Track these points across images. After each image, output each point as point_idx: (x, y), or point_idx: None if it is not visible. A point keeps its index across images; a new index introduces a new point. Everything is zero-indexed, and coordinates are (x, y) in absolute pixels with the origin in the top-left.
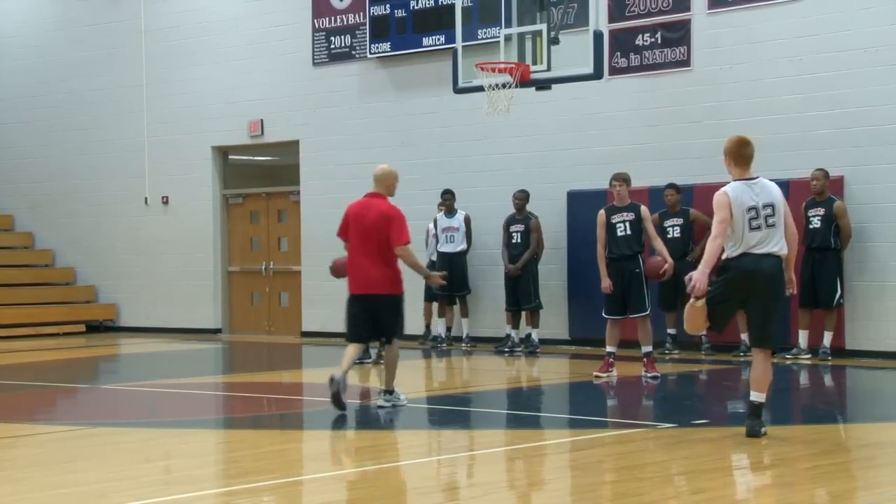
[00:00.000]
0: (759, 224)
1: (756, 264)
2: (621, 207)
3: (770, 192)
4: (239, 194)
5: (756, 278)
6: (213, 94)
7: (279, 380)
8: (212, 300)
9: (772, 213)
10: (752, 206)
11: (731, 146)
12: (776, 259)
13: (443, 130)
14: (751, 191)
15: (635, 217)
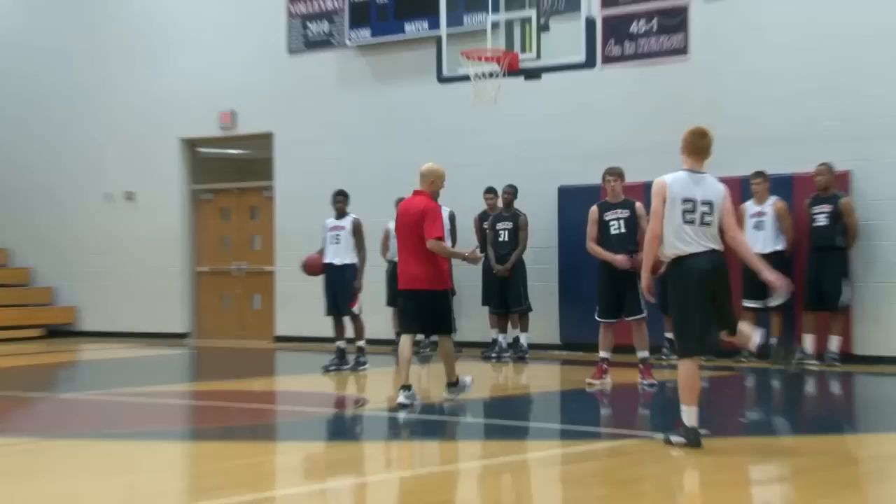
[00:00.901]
0: (693, 219)
1: (710, 260)
2: (615, 204)
3: (713, 189)
4: (209, 190)
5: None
6: (181, 83)
7: (250, 388)
8: (179, 302)
9: (709, 212)
10: (689, 197)
11: (687, 135)
12: (721, 253)
13: (426, 123)
14: (692, 183)
15: (630, 214)
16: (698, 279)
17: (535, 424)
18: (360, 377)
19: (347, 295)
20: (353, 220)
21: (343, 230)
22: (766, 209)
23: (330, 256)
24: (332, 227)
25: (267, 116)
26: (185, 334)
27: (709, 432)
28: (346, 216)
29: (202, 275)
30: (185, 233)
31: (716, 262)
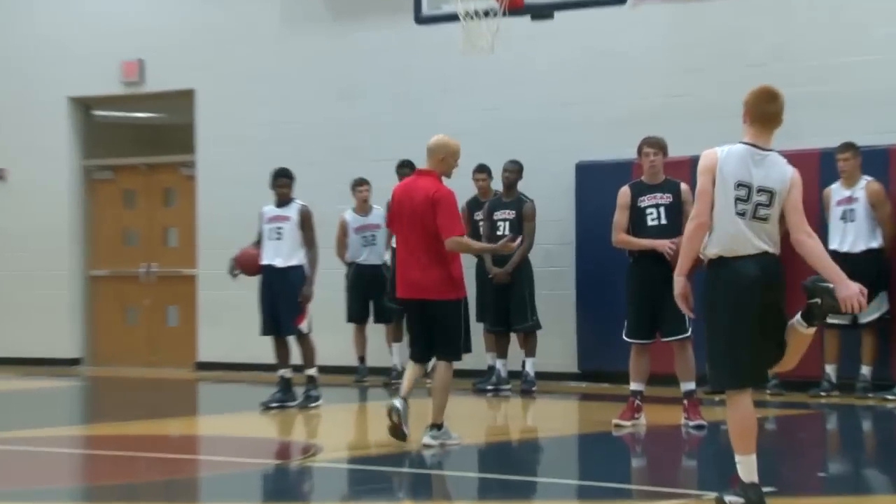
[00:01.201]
0: (745, 210)
1: (760, 266)
2: (654, 186)
3: (777, 173)
4: (107, 166)
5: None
6: (70, 23)
7: (164, 431)
8: (68, 318)
9: (766, 203)
10: (744, 181)
11: (749, 98)
12: (775, 258)
13: (400, 77)
14: (751, 161)
15: (672, 200)
16: (747, 289)
17: (545, 479)
18: (310, 416)
19: (293, 307)
20: (301, 208)
21: (287, 222)
22: (857, 194)
23: (269, 256)
24: (271, 216)
25: (185, 68)
26: (76, 360)
27: (776, 490)
28: (290, 203)
29: (99, 281)
30: (76, 224)
31: (769, 268)
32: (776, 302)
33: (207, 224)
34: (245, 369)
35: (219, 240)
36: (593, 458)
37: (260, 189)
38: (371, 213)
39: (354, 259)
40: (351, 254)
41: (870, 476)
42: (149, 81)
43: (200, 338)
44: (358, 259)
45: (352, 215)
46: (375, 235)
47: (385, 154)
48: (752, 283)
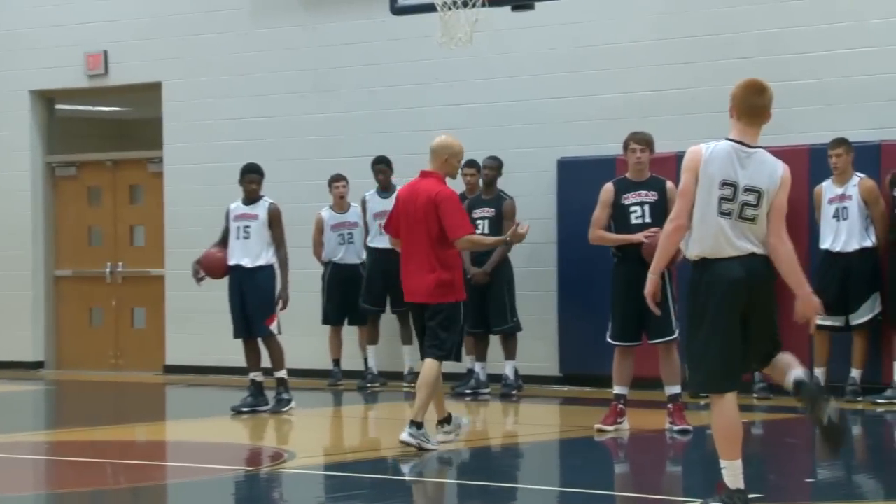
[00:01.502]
0: (730, 210)
1: (745, 268)
2: (639, 183)
3: (765, 172)
4: (71, 162)
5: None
6: (31, 15)
7: (131, 437)
8: (30, 320)
9: (754, 203)
10: (730, 181)
11: (737, 91)
12: (763, 259)
13: (374, 70)
14: (737, 160)
15: (658, 197)
16: (727, 291)
17: (525, 486)
18: (283, 421)
19: (264, 308)
20: (270, 206)
21: (255, 220)
22: (849, 191)
23: (237, 256)
24: (238, 214)
25: (152, 60)
26: (39, 363)
27: (763, 496)
28: (258, 201)
29: (62, 281)
30: (38, 223)
31: (754, 269)
32: (764, 304)
33: (176, 222)
34: (215, 373)
35: (187, 239)
36: (575, 463)
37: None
38: (349, 210)
39: (331, 258)
40: (327, 252)
41: (859, 482)
42: (114, 74)
43: (168, 340)
44: (335, 258)
45: (328, 212)
46: (353, 233)
47: (360, 150)
48: (735, 286)
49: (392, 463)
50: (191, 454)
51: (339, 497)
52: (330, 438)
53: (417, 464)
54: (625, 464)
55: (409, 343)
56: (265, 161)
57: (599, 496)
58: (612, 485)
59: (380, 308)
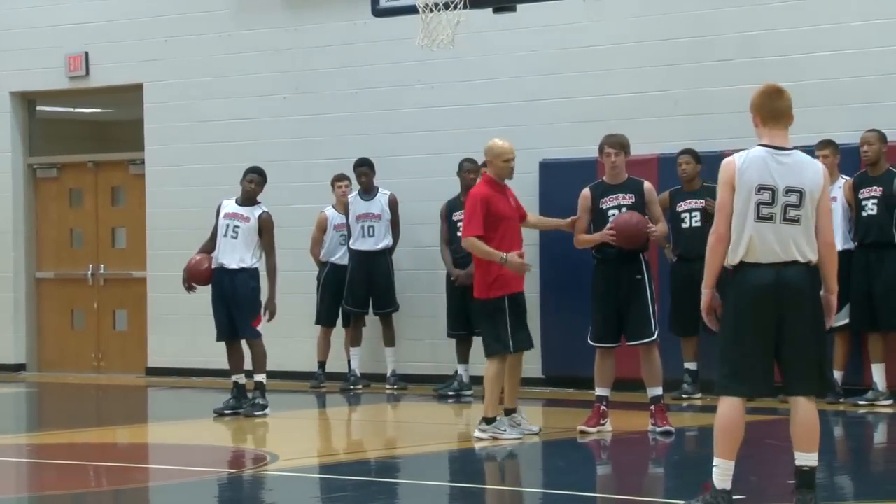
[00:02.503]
0: (772, 213)
1: (777, 276)
2: (616, 186)
3: (803, 172)
4: (52, 164)
5: (783, 297)
6: (11, 16)
7: (112, 440)
8: (11, 322)
9: (797, 204)
10: (767, 185)
11: (756, 98)
12: (805, 268)
13: (356, 72)
14: (773, 163)
15: (636, 199)
16: (754, 299)
17: (507, 488)
18: (264, 424)
19: (248, 309)
20: (262, 214)
21: (245, 223)
22: (835, 192)
23: (222, 255)
24: (229, 212)
25: (133, 61)
26: (20, 366)
27: (744, 497)
28: (254, 205)
29: (43, 283)
30: (19, 224)
31: (787, 279)
32: (796, 316)
33: (157, 224)
34: (197, 375)
35: (169, 241)
36: (557, 465)
37: (212, 187)
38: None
39: (329, 258)
40: (326, 252)
41: (841, 483)
42: (95, 75)
43: (150, 342)
44: (333, 258)
45: (332, 212)
46: None
47: (342, 152)
48: (762, 295)
49: (380, 463)
50: (173, 456)
51: (322, 499)
52: (313, 441)
53: (403, 465)
54: (608, 465)
55: (391, 345)
56: (246, 162)
57: (582, 498)
58: (595, 486)
59: (363, 310)
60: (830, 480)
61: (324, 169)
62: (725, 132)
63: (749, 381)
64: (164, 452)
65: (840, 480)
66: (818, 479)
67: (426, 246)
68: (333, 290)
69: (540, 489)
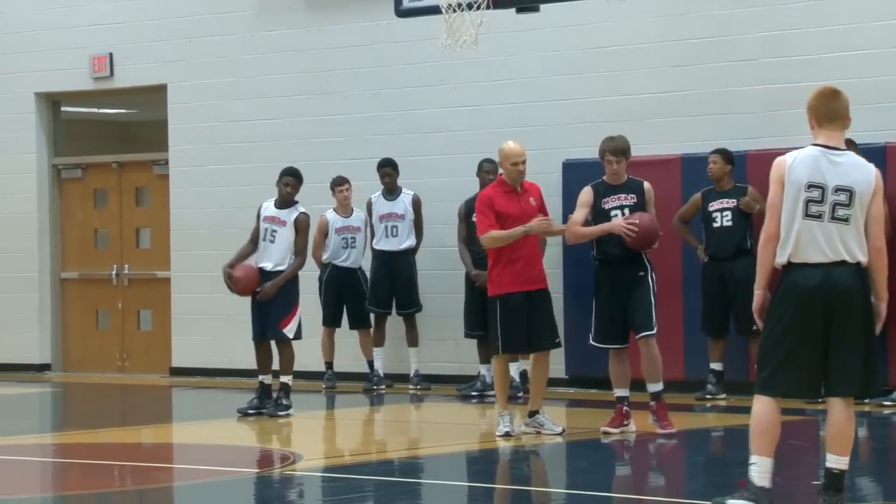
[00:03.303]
0: (820, 212)
1: (825, 277)
2: (617, 187)
3: (854, 173)
4: (77, 164)
5: (831, 298)
6: (37, 18)
7: (137, 439)
8: (36, 322)
9: (846, 203)
10: (817, 183)
11: (812, 99)
12: (854, 268)
13: (379, 72)
14: (826, 162)
15: (637, 200)
16: (800, 300)
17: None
18: (280, 425)
19: (281, 311)
20: (300, 215)
21: (283, 226)
22: None
23: (262, 258)
24: (268, 216)
25: (157, 62)
26: (46, 366)
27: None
28: (291, 207)
29: (68, 283)
30: (44, 225)
31: (834, 279)
32: (844, 316)
33: (181, 224)
34: (221, 375)
35: (193, 241)
36: (580, 465)
37: (236, 187)
38: (352, 214)
39: (332, 260)
40: (330, 255)
41: (865, 484)
42: (119, 76)
43: (174, 342)
44: (335, 260)
45: (334, 216)
46: (356, 238)
47: (365, 152)
48: (810, 296)
49: (403, 464)
50: (198, 456)
51: (345, 499)
52: (336, 441)
53: (426, 465)
54: (632, 466)
55: (414, 345)
56: (269, 162)
57: (605, 498)
58: (618, 487)
59: (386, 310)
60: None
61: (346, 169)
62: (748, 132)
63: (791, 382)
64: (188, 452)
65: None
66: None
67: (449, 246)
68: (336, 290)
69: (563, 489)
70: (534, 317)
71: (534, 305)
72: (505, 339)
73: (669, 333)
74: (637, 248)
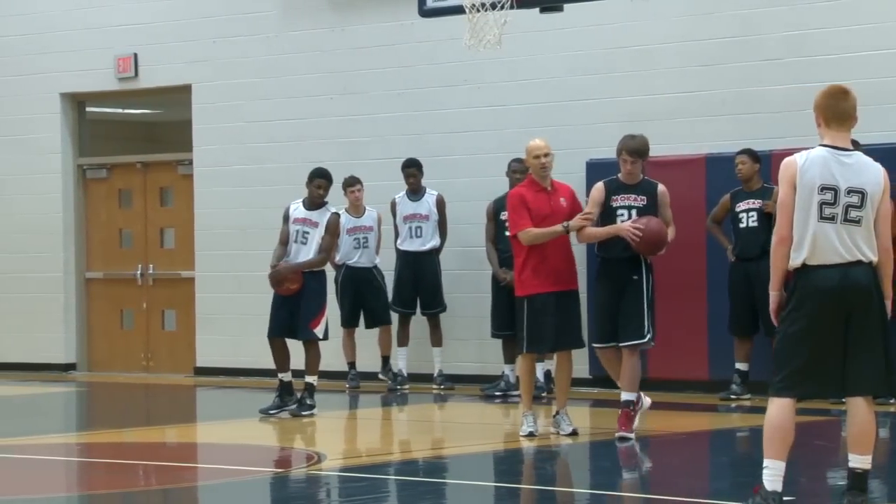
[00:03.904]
0: (834, 214)
1: (843, 277)
2: (630, 186)
3: (865, 174)
4: (102, 164)
5: (850, 297)
6: (62, 18)
7: (162, 439)
8: (61, 322)
9: (858, 204)
10: (829, 185)
11: (819, 99)
12: (869, 267)
13: (402, 72)
14: (835, 163)
15: (647, 202)
16: (819, 301)
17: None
18: (304, 425)
19: (312, 311)
20: (332, 216)
21: (315, 228)
22: None
23: (293, 259)
24: (299, 218)
25: (182, 63)
26: (71, 366)
27: (794, 499)
28: (321, 208)
29: (93, 283)
30: (69, 224)
31: (852, 279)
32: (862, 316)
33: (205, 225)
34: (245, 374)
35: (217, 241)
36: (604, 465)
37: (260, 187)
38: (364, 214)
39: (345, 261)
40: (342, 255)
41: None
42: (144, 76)
43: (199, 342)
44: (349, 261)
45: (345, 216)
46: (368, 238)
47: (388, 152)
48: (829, 297)
49: (422, 465)
50: (222, 456)
51: (369, 499)
52: (360, 440)
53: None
54: (657, 466)
55: (438, 346)
56: (293, 162)
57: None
58: (643, 487)
59: (410, 310)
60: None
61: (369, 169)
62: (773, 132)
63: (813, 383)
64: (212, 452)
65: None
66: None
67: (473, 246)
68: (351, 291)
69: (587, 489)
70: (560, 317)
71: (560, 306)
72: (530, 338)
73: (694, 334)
74: (643, 252)
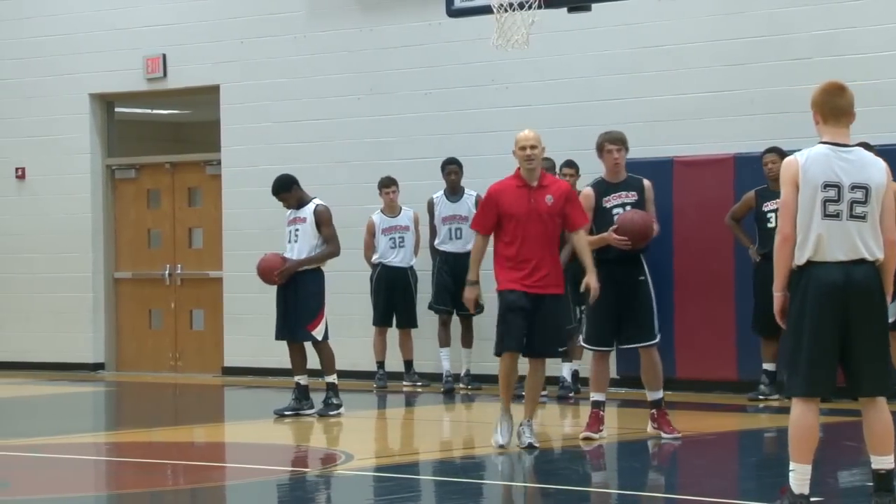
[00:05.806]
0: (838, 211)
1: (846, 275)
2: (617, 184)
3: (867, 169)
4: (130, 165)
5: (851, 297)
6: (91, 19)
7: (190, 438)
8: (90, 322)
9: (862, 200)
10: (832, 182)
11: (816, 95)
12: (872, 266)
13: (430, 72)
14: (837, 160)
15: (638, 197)
16: (823, 297)
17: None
18: (331, 425)
19: (307, 312)
20: (316, 207)
21: (303, 224)
22: None
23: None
24: (290, 219)
25: (210, 63)
26: (100, 365)
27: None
28: (306, 204)
29: (122, 283)
30: (98, 225)
31: (856, 277)
32: (864, 315)
33: (233, 225)
34: (273, 374)
35: (245, 241)
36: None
37: None
38: (400, 214)
39: (382, 260)
40: (380, 255)
41: None
42: (172, 77)
43: (227, 342)
44: (385, 260)
45: (380, 216)
46: (404, 237)
47: (416, 152)
48: (832, 295)
49: (449, 464)
50: (249, 456)
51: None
52: (387, 440)
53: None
54: (685, 467)
55: (468, 346)
56: (321, 163)
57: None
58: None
59: (451, 309)
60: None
61: (397, 169)
62: (802, 131)
63: (822, 383)
64: (240, 451)
65: None
66: None
67: None
68: (386, 290)
69: (614, 489)
70: (536, 320)
71: (539, 309)
72: (497, 336)
73: (722, 334)
74: (636, 247)
